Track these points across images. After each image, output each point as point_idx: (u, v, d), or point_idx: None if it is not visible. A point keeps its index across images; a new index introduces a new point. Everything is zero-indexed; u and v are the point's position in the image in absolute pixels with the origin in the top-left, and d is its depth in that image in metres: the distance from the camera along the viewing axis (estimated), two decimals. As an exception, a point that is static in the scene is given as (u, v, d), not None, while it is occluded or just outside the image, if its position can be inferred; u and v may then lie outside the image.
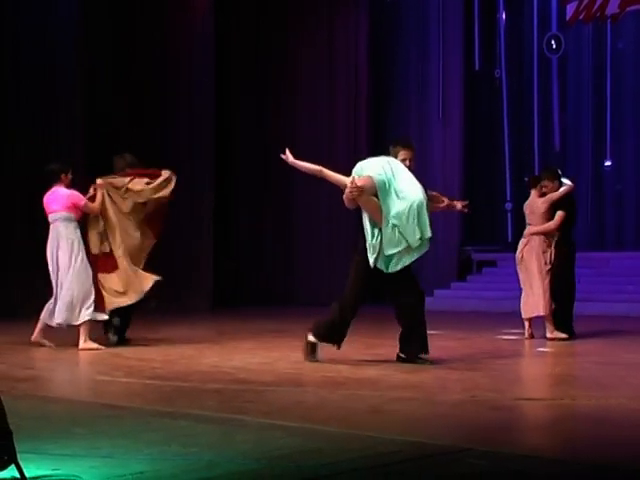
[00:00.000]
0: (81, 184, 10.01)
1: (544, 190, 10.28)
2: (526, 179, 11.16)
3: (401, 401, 5.95)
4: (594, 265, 15.57)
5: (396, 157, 7.81)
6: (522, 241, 10.48)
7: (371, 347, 9.02)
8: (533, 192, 10.44)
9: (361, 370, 7.41)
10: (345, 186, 7.57)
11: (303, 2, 18.04)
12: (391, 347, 9.02)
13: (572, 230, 10.38)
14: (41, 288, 14.86)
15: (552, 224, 10.16)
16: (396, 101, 17.97)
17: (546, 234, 10.24)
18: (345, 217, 14.19)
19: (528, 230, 10.38)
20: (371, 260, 7.57)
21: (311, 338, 7.85)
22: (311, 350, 7.89)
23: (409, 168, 7.78)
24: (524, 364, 8.55)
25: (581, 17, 16.99)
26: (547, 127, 17.98)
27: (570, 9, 17.14)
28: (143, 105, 16.69)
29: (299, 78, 17.98)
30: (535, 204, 10.34)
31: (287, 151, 7.88)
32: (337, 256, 15.77)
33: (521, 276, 10.47)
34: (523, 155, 18.27)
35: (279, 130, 17.15)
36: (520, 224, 18.05)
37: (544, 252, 10.22)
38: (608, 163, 17.32)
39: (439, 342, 9.83)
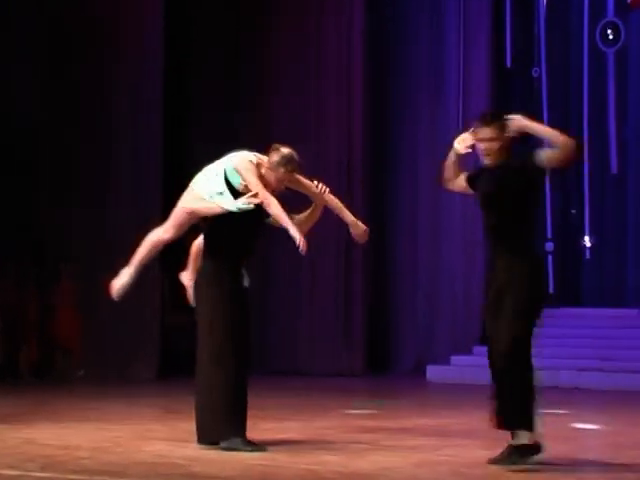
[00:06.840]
0: None
1: None
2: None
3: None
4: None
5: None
6: None
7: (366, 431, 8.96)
8: None
9: (353, 462, 7.41)
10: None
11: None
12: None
13: None
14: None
15: None
16: (403, 109, 18.10)
17: None
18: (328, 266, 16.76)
19: None
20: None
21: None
22: None
23: None
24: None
25: (647, -2, 17.13)
26: (601, 142, 18.02)
27: (633, -12, 17.35)
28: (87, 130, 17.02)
29: (281, 90, 18.01)
30: None
31: None
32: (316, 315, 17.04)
33: None
34: (569, 179, 18.29)
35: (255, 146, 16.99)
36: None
37: None
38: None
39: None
